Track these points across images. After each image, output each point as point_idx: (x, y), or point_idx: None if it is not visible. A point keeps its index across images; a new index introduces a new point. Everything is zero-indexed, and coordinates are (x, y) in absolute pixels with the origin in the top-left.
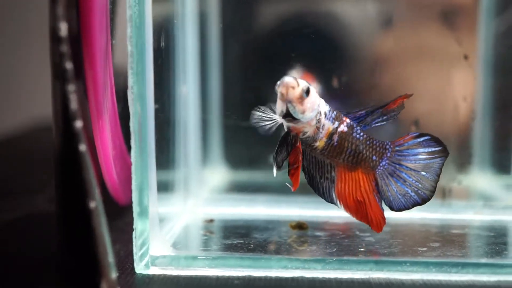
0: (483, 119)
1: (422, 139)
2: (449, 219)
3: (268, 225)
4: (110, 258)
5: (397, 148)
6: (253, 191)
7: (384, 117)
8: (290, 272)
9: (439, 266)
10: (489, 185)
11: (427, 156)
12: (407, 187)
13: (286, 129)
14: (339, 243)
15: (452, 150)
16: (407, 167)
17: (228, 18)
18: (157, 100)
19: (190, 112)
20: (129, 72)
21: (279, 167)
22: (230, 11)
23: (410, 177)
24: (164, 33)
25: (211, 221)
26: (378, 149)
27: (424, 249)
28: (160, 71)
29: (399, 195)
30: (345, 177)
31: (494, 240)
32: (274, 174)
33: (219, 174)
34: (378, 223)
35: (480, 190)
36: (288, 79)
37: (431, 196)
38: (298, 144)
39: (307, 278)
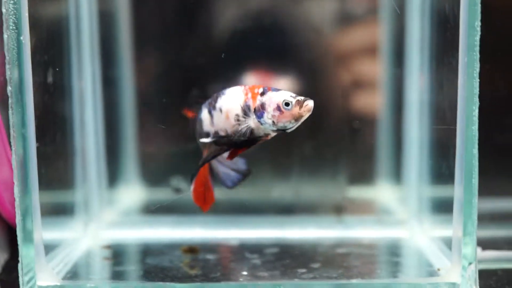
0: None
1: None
2: (341, 237)
3: (164, 249)
4: None
5: None
6: (161, 211)
7: None
8: None
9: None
10: (384, 198)
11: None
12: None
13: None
14: (226, 267)
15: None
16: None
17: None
18: (41, 106)
19: (89, 122)
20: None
21: None
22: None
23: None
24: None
25: (108, 247)
26: None
27: (303, 270)
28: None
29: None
30: None
31: (375, 258)
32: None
33: (132, 193)
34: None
35: (376, 203)
36: (312, 103)
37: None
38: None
39: None
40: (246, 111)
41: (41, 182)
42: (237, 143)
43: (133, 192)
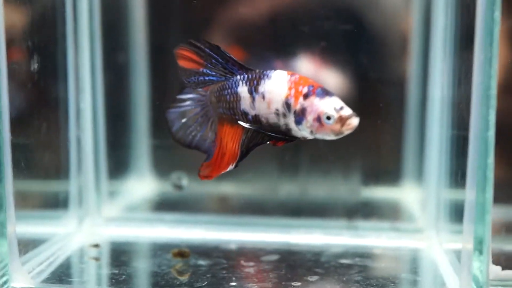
0: None
1: None
2: (349, 244)
3: (156, 251)
4: None
5: None
6: (165, 207)
7: None
8: None
9: None
10: (407, 201)
11: None
12: None
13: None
14: (215, 275)
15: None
16: None
17: None
18: (25, 92)
19: (87, 110)
20: None
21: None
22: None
23: None
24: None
25: (97, 246)
26: None
27: (298, 284)
28: None
29: None
30: None
31: (381, 273)
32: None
33: (141, 185)
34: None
35: (397, 207)
36: (356, 121)
37: None
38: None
39: None
40: (286, 109)
41: (21, 171)
42: (277, 136)
43: (142, 184)
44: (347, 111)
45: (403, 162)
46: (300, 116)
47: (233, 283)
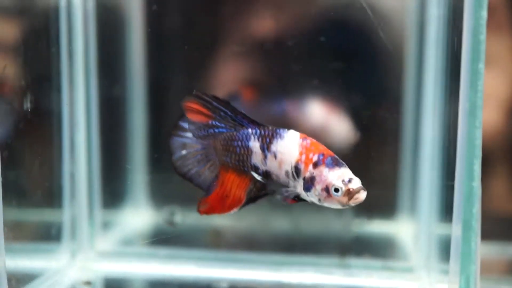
0: None
1: None
2: (339, 284)
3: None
4: None
5: None
6: (160, 242)
7: None
8: None
9: None
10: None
11: None
12: None
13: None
14: None
15: None
16: None
17: None
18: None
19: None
20: None
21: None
22: None
23: None
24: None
25: (88, 283)
26: None
27: None
28: None
29: None
30: None
31: None
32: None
33: (141, 216)
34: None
35: (391, 243)
36: (363, 195)
37: None
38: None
39: None
40: (295, 173)
41: (13, 206)
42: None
43: (138, 217)
44: (355, 184)
45: (398, 196)
46: (309, 183)
47: None
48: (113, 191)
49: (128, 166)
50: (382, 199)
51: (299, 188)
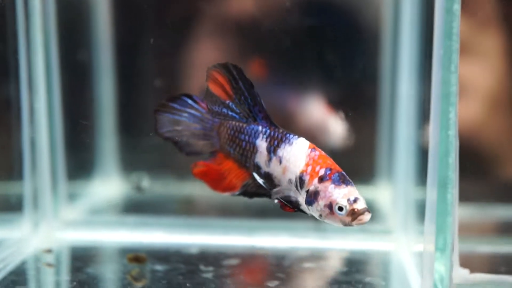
0: None
1: None
2: (315, 247)
3: (114, 256)
4: None
5: None
6: (126, 209)
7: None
8: None
9: None
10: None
11: None
12: None
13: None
14: (171, 281)
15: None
16: None
17: None
18: None
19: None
20: None
21: None
22: None
23: None
24: None
25: (49, 251)
26: None
27: None
28: None
29: None
30: None
31: (345, 278)
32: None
33: (109, 186)
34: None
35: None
36: (367, 217)
37: None
38: None
39: None
40: (299, 184)
41: None
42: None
43: (106, 186)
44: (360, 205)
45: (376, 161)
46: (312, 198)
47: None
48: (79, 161)
49: (84, 122)
50: (360, 166)
51: (300, 198)
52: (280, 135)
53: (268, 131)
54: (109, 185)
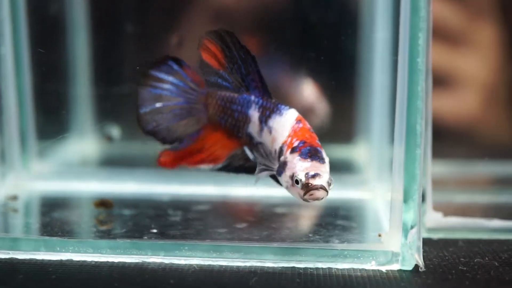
0: None
1: None
2: (289, 196)
3: (79, 204)
4: None
5: None
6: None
7: None
8: (58, 255)
9: (218, 250)
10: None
11: None
12: None
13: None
14: (137, 223)
15: None
16: None
17: None
18: None
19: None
20: None
21: None
22: None
23: None
24: None
25: (14, 198)
26: None
27: (223, 230)
28: None
29: None
30: None
31: (316, 221)
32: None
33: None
34: None
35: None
36: (320, 194)
37: None
38: None
39: (77, 261)
40: (278, 154)
41: None
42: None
43: (79, 140)
44: (317, 181)
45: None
46: (281, 168)
47: (154, 230)
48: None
49: (64, 111)
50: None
51: (275, 170)
52: (272, 105)
53: (261, 101)
54: (83, 139)
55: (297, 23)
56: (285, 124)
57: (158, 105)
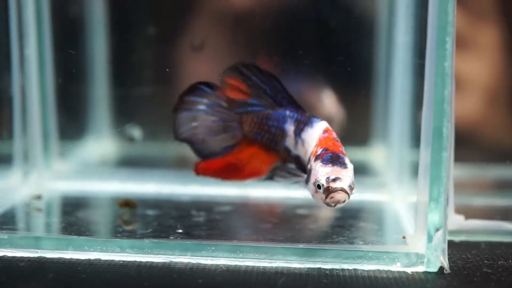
0: None
1: None
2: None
3: (102, 204)
4: None
5: None
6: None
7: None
8: (86, 254)
9: (244, 250)
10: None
11: None
12: None
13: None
14: (162, 224)
15: None
16: None
17: None
18: None
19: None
20: None
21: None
22: None
23: None
24: None
25: (39, 197)
26: None
27: (247, 232)
28: None
29: None
30: None
31: (338, 222)
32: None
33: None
34: None
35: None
36: (340, 196)
37: None
38: None
39: (105, 260)
40: (307, 164)
41: None
42: None
43: (99, 142)
44: (338, 184)
45: (371, 124)
46: (308, 176)
47: (180, 230)
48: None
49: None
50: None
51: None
52: (306, 118)
53: (296, 115)
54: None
55: (317, 27)
56: (314, 136)
57: (194, 124)
